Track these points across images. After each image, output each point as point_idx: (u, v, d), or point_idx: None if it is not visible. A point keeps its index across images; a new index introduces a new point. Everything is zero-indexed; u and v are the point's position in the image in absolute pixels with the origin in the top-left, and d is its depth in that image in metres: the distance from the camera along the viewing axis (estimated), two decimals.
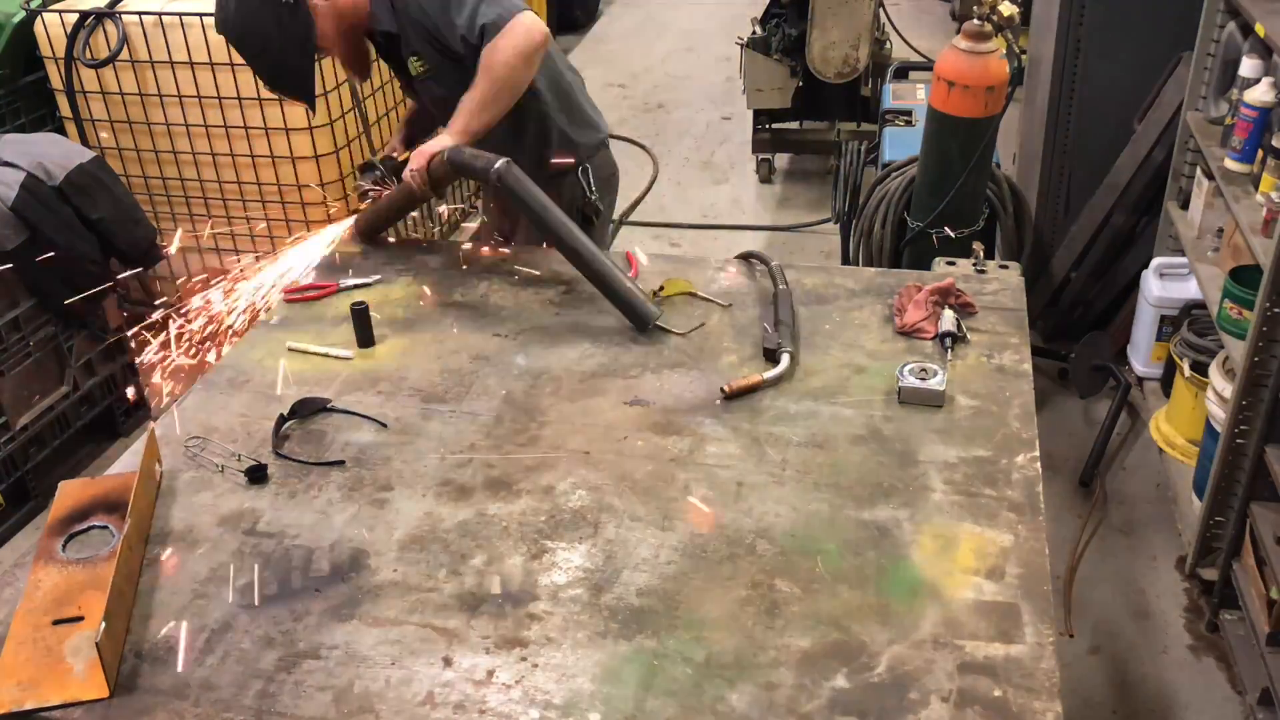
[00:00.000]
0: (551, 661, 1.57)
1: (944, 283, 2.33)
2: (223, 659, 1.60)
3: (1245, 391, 2.72)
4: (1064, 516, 3.38)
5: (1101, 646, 2.95)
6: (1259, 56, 3.00)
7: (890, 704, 1.48)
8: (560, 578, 1.72)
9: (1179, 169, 3.62)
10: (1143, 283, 3.73)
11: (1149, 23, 3.70)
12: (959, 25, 4.68)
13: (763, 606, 1.64)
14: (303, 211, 3.93)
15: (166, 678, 1.57)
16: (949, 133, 3.22)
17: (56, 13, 3.77)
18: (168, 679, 1.57)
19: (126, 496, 1.82)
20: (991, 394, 2.09)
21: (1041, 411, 2.61)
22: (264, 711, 1.52)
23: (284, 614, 1.67)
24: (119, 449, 3.79)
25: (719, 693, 1.51)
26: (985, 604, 1.63)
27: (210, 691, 1.54)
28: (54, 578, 1.75)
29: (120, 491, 1.89)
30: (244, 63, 2.68)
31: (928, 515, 1.81)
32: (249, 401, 2.18)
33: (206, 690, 1.55)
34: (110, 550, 1.78)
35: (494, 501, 1.88)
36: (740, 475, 1.91)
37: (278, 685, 1.55)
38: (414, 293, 2.54)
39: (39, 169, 3.34)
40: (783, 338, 2.21)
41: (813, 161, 5.95)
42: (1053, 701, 1.47)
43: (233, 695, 1.54)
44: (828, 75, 5.12)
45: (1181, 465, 3.41)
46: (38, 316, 3.48)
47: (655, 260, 2.63)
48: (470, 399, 2.15)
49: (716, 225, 5.38)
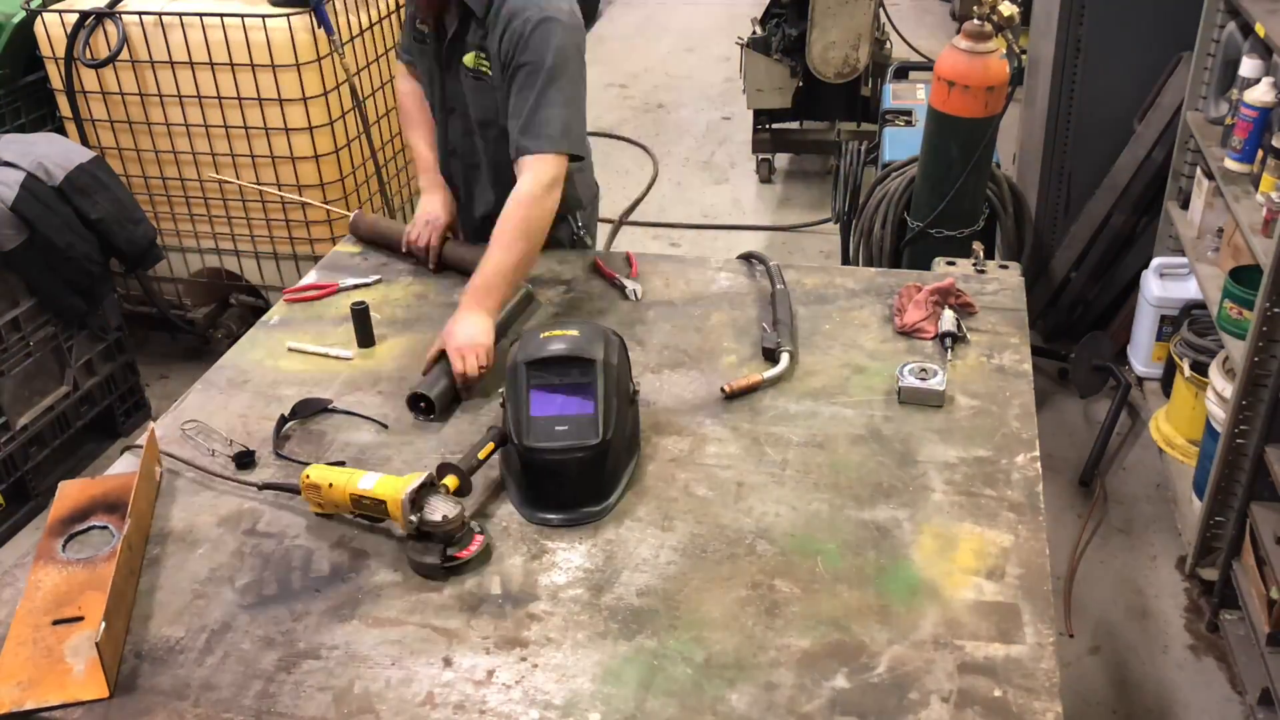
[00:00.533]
0: (552, 662, 1.57)
1: (944, 283, 2.33)
2: (223, 659, 1.60)
3: (1245, 391, 2.72)
4: (1064, 516, 3.38)
5: (1101, 646, 2.95)
6: (1259, 56, 3.00)
7: (890, 704, 1.48)
8: (560, 578, 1.72)
9: (1179, 169, 3.62)
10: (1143, 283, 3.73)
11: (1149, 23, 3.70)
12: (959, 25, 4.67)
13: (763, 606, 1.64)
14: (303, 212, 3.92)
15: (166, 678, 1.57)
16: (949, 133, 3.22)
17: (56, 13, 3.77)
18: (168, 679, 1.57)
19: (126, 497, 1.82)
20: (991, 394, 2.09)
21: (1041, 411, 2.62)
22: (264, 711, 1.52)
23: (284, 614, 1.67)
24: (119, 449, 3.79)
25: (719, 693, 1.51)
26: (985, 604, 1.63)
27: (210, 691, 1.55)
28: (54, 578, 1.75)
29: (120, 492, 1.89)
30: (244, 63, 2.64)
31: (928, 515, 1.81)
32: (249, 401, 2.18)
33: (206, 690, 1.55)
34: (110, 550, 1.78)
35: (494, 501, 1.88)
36: (740, 475, 1.91)
37: (278, 685, 1.55)
38: (414, 292, 2.54)
39: (39, 169, 3.34)
40: (781, 337, 2.21)
41: (813, 161, 5.95)
42: (1053, 701, 1.47)
43: (233, 695, 1.54)
44: (828, 75, 5.12)
45: (1181, 465, 3.41)
46: (38, 316, 3.48)
47: (656, 260, 2.63)
48: (470, 398, 2.15)
49: (716, 225, 5.38)
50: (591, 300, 2.46)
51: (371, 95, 4.02)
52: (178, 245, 4.10)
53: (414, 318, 2.43)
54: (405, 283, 2.58)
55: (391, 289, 2.55)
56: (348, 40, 3.84)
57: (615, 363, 1.88)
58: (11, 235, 3.24)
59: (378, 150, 4.04)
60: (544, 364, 1.87)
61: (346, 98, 3.83)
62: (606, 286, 2.51)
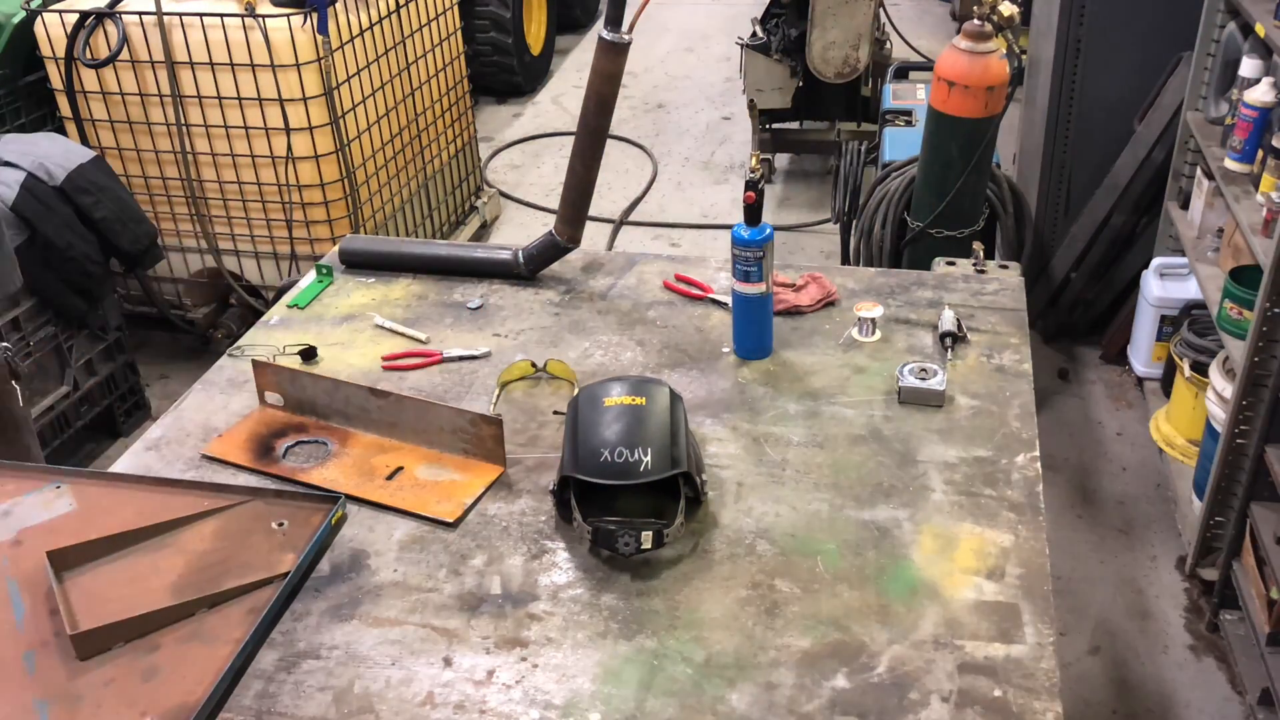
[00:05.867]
0: (552, 661, 1.57)
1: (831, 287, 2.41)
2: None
3: (1245, 391, 2.72)
4: (1064, 516, 3.38)
5: (1101, 646, 2.95)
6: (1259, 56, 3.00)
7: (890, 704, 1.48)
8: (560, 578, 1.72)
9: (1179, 169, 3.62)
10: (1143, 283, 3.74)
11: (1149, 23, 3.70)
12: (959, 25, 4.67)
13: (763, 606, 1.64)
14: (303, 212, 3.93)
15: None
16: (949, 133, 3.22)
17: (56, 13, 3.77)
18: None
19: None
20: (991, 394, 2.09)
21: (1041, 411, 2.61)
22: (264, 711, 1.52)
23: (284, 614, 1.67)
24: (119, 449, 3.79)
25: (719, 693, 1.51)
26: (985, 604, 1.63)
27: None
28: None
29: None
30: (244, 63, 2.65)
31: (928, 515, 1.81)
32: (249, 401, 2.18)
33: None
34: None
35: (494, 501, 1.88)
36: (740, 475, 1.91)
37: (278, 685, 1.55)
38: (414, 292, 2.54)
39: (39, 169, 3.35)
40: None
41: (813, 161, 5.96)
42: (1053, 701, 1.47)
43: (233, 695, 1.54)
44: (828, 75, 5.12)
45: (1181, 465, 3.41)
46: (38, 316, 3.49)
47: (656, 260, 2.63)
48: (470, 399, 2.15)
49: (716, 225, 5.38)
50: (592, 300, 2.46)
51: (372, 95, 4.03)
52: (178, 245, 4.10)
53: (414, 318, 2.43)
54: (405, 283, 2.58)
55: (391, 289, 2.55)
56: (347, 41, 3.84)
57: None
58: (12, 235, 3.24)
59: (369, 158, 4.04)
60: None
61: (347, 98, 3.84)
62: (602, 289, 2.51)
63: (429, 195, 4.70)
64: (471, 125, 5.13)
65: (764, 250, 2.11)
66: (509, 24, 6.57)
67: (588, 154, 2.37)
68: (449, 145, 4.86)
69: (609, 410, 1.80)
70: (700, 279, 2.50)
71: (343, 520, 1.84)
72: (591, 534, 1.72)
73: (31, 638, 1.60)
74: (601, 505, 1.76)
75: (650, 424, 1.78)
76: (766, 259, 2.12)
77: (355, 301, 2.50)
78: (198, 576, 1.69)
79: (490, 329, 2.38)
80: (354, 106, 3.90)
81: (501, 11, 6.49)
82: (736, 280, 2.16)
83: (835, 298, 2.40)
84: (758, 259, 2.11)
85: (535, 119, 6.81)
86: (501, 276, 2.55)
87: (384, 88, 4.12)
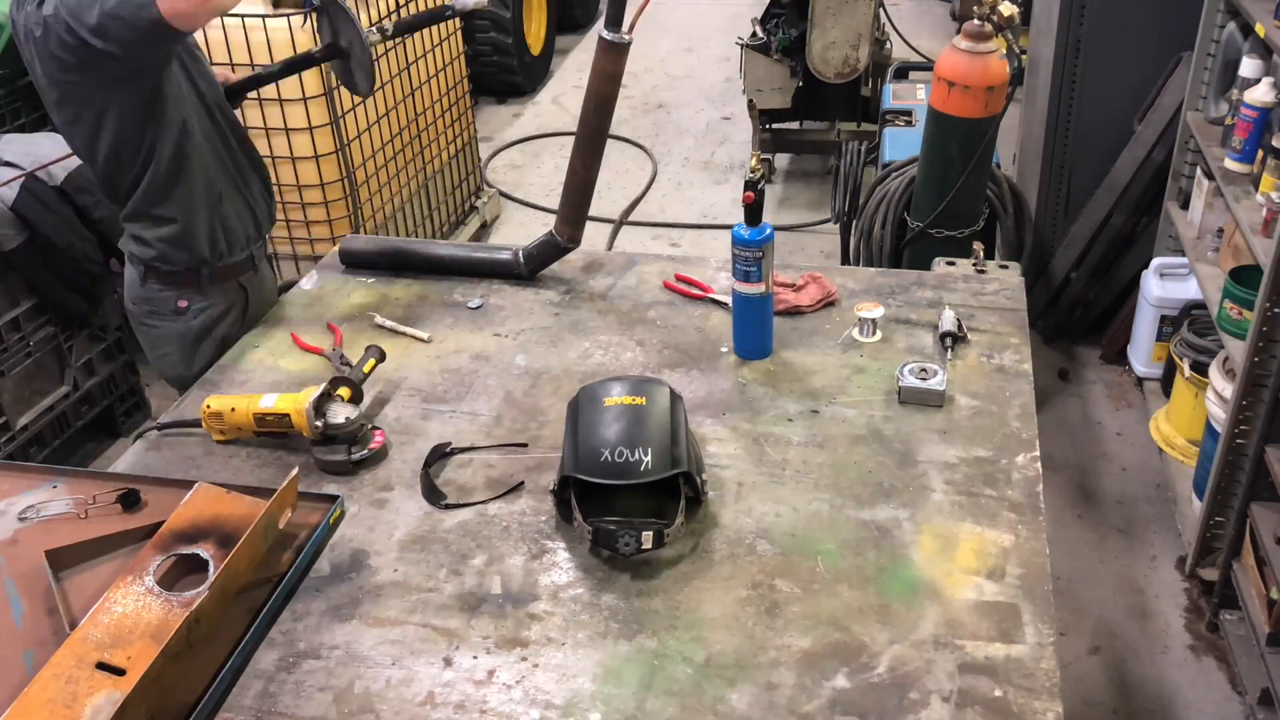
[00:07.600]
0: (552, 661, 1.57)
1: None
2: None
3: (1245, 391, 2.72)
4: (1064, 516, 3.38)
5: (1101, 646, 2.95)
6: (1259, 56, 3.00)
7: (890, 704, 1.48)
8: (561, 577, 1.72)
9: (1179, 169, 3.62)
10: (1143, 283, 3.73)
11: (1149, 23, 3.70)
12: (959, 25, 4.66)
13: (763, 606, 1.64)
14: (303, 212, 3.93)
15: None
16: (949, 133, 3.22)
17: None
18: None
19: (243, 532, 1.64)
20: (991, 394, 2.09)
21: (1041, 411, 2.61)
22: (264, 711, 1.52)
23: (284, 614, 1.67)
24: (119, 449, 3.79)
25: (719, 693, 1.51)
26: (985, 604, 1.63)
27: None
28: (131, 604, 1.56)
29: (240, 523, 1.68)
30: (244, 63, 2.64)
31: (928, 515, 1.81)
32: None
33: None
34: (192, 595, 1.57)
35: (495, 501, 1.88)
36: (740, 475, 1.91)
37: (278, 685, 1.55)
38: (414, 292, 2.54)
39: (39, 169, 3.34)
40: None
41: (813, 161, 5.95)
42: (1053, 701, 1.47)
43: (233, 695, 1.54)
44: (828, 75, 5.12)
45: (1181, 465, 3.41)
46: (38, 316, 3.48)
47: (656, 260, 2.63)
48: (470, 399, 2.15)
49: (716, 225, 5.38)
50: (592, 300, 2.46)
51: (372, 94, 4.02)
52: None
53: (413, 318, 2.43)
54: (405, 283, 2.58)
55: (391, 289, 2.55)
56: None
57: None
58: (11, 235, 3.24)
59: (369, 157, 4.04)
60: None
61: (347, 98, 3.84)
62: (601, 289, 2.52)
63: (429, 195, 4.70)
64: (471, 125, 5.12)
65: (764, 250, 2.11)
66: (509, 24, 6.57)
67: (588, 154, 2.37)
68: (449, 145, 4.85)
69: (609, 410, 1.80)
70: (700, 279, 2.50)
71: (340, 519, 1.84)
72: (592, 534, 1.71)
73: (30, 637, 1.60)
74: (602, 505, 1.76)
75: (650, 424, 1.78)
76: (766, 259, 2.12)
77: (355, 301, 2.51)
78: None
79: (490, 329, 2.38)
80: (354, 106, 3.89)
81: (501, 11, 6.49)
82: (736, 280, 2.15)
83: (835, 298, 2.40)
84: (758, 259, 2.11)
85: (535, 119, 6.81)
86: (501, 276, 2.56)
87: (384, 88, 4.12)
